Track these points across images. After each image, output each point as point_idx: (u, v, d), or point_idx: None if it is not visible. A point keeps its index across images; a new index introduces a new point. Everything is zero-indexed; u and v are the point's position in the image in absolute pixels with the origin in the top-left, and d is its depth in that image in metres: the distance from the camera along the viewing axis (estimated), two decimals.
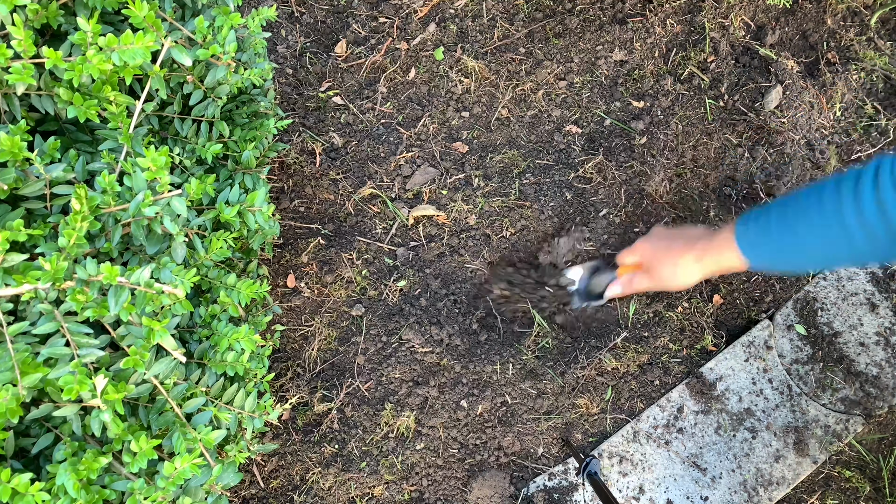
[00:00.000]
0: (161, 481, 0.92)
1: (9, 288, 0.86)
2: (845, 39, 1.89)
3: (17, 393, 0.81)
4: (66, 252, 0.88)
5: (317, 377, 1.63)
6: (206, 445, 0.96)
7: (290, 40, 1.98)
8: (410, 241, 1.75)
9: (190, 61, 1.05)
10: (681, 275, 1.24)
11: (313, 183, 1.80)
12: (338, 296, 1.70)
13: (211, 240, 1.13)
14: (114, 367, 0.93)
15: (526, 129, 1.86)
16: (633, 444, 1.58)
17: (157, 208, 0.96)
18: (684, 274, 1.23)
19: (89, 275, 0.87)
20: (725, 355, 1.65)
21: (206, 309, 1.14)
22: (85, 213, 0.88)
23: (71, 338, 0.86)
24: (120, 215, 0.97)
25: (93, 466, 0.88)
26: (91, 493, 0.88)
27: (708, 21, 1.89)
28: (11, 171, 0.90)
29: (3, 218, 0.92)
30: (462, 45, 1.92)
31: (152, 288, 0.87)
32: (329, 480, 1.53)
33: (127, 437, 0.93)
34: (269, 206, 1.19)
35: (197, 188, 1.02)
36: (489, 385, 1.60)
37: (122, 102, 1.02)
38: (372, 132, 1.86)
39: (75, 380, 0.82)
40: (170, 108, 1.20)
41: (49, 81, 1.01)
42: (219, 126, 1.22)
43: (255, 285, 1.14)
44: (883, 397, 1.61)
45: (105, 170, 0.99)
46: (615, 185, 1.79)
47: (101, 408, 0.86)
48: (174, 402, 0.98)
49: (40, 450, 0.94)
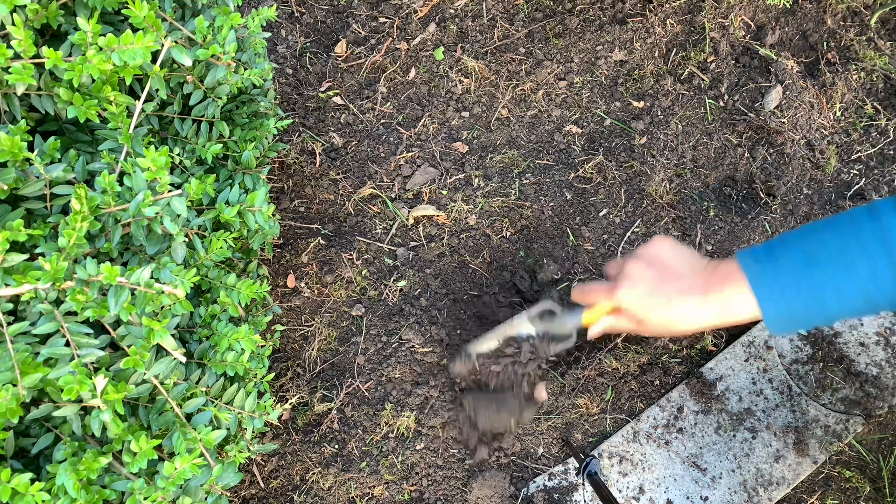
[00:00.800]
0: (161, 481, 0.92)
1: (9, 288, 0.86)
2: (845, 39, 1.89)
3: (17, 393, 0.81)
4: (66, 252, 0.88)
5: (317, 377, 1.63)
6: (206, 445, 0.96)
7: (290, 40, 1.98)
8: (410, 241, 1.75)
9: (190, 61, 1.05)
10: (676, 325, 1.02)
11: (313, 183, 1.80)
12: (338, 296, 1.70)
13: (211, 240, 1.13)
14: (114, 367, 0.93)
15: (526, 129, 1.86)
16: (633, 444, 1.58)
17: (157, 208, 0.96)
18: (678, 324, 1.02)
19: (89, 275, 0.87)
20: (725, 355, 1.65)
21: (206, 309, 1.14)
22: (85, 213, 0.88)
23: (71, 338, 0.86)
24: (120, 215, 0.97)
25: (93, 466, 0.88)
26: (91, 493, 0.88)
27: (708, 21, 1.89)
28: (11, 171, 0.90)
29: (3, 218, 0.92)
30: (462, 45, 1.93)
31: (152, 288, 0.87)
32: (329, 480, 1.53)
33: (127, 437, 0.93)
34: (269, 206, 1.19)
35: (197, 188, 1.02)
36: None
37: (122, 102, 1.03)
38: (372, 132, 1.87)
39: (75, 380, 0.82)
40: (170, 108, 1.20)
41: (49, 81, 1.01)
42: (219, 126, 1.23)
43: (255, 285, 1.14)
44: (883, 397, 1.61)
45: (105, 170, 0.99)
46: (615, 185, 1.79)
47: (101, 408, 0.86)
48: (174, 402, 0.98)
49: (40, 450, 0.94)
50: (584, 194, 1.80)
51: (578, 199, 1.79)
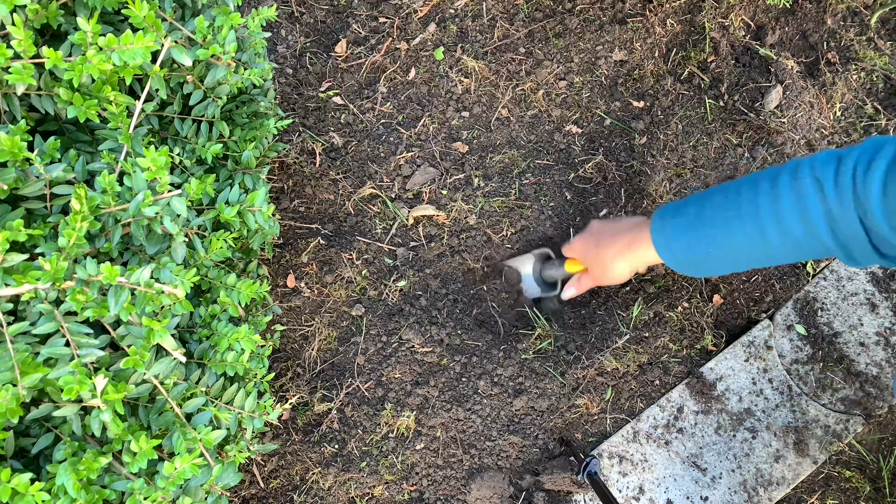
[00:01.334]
0: (161, 481, 0.92)
1: (9, 288, 0.86)
2: (845, 39, 1.89)
3: (17, 393, 0.81)
4: (66, 252, 0.88)
5: (317, 377, 1.63)
6: (206, 445, 0.96)
7: (290, 40, 1.98)
8: (410, 242, 1.75)
9: (190, 61, 1.05)
10: (610, 272, 1.28)
11: (313, 183, 1.80)
12: (338, 296, 1.70)
13: (211, 240, 1.13)
14: (114, 367, 0.93)
15: (526, 129, 1.86)
16: (633, 444, 1.58)
17: (157, 208, 0.96)
18: (613, 270, 1.27)
19: (89, 275, 0.87)
20: (725, 355, 1.65)
21: (205, 309, 1.14)
22: (85, 212, 0.88)
23: (71, 338, 0.86)
24: (120, 215, 0.97)
25: (93, 466, 0.88)
26: (91, 493, 0.88)
27: (708, 21, 1.89)
28: (11, 171, 0.90)
29: (3, 218, 0.92)
30: (462, 45, 1.92)
31: (152, 288, 0.87)
32: (329, 480, 1.53)
33: (127, 437, 0.93)
34: (270, 206, 1.19)
35: (197, 188, 1.02)
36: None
37: (122, 102, 1.03)
38: (372, 132, 1.86)
39: (75, 380, 0.82)
40: (170, 108, 1.20)
41: (49, 81, 1.01)
42: (219, 126, 1.23)
43: (255, 285, 1.14)
44: (883, 397, 1.61)
45: (105, 170, 0.99)
46: (615, 185, 1.79)
47: (101, 408, 0.86)
48: (174, 402, 0.98)
49: (40, 450, 0.94)
50: (584, 194, 1.80)
51: (578, 199, 1.79)
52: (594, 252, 1.32)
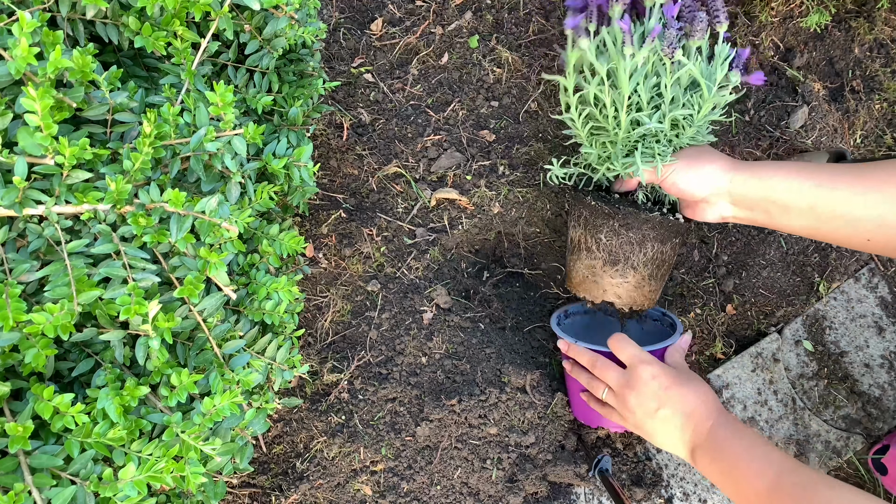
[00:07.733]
0: (197, 417, 0.91)
1: (69, 205, 0.85)
2: (871, 69, 1.92)
3: (73, 308, 0.80)
4: (130, 175, 0.87)
5: (328, 347, 1.63)
6: (245, 387, 0.95)
7: (324, 14, 1.98)
8: (430, 223, 1.76)
9: (258, 5, 1.05)
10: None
11: (338, 156, 1.80)
12: (354, 270, 1.69)
13: (256, 189, 1.12)
14: (162, 299, 0.92)
15: (554, 125, 1.87)
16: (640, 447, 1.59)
17: (219, 144, 0.95)
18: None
19: (152, 200, 0.86)
20: (733, 364, 1.67)
21: (244, 258, 1.13)
22: (152, 138, 0.88)
23: (128, 260, 0.85)
24: (179, 149, 0.97)
25: (134, 394, 0.87)
26: (129, 421, 0.87)
27: (739, 38, 1.92)
28: (80, 90, 0.89)
29: (67, 137, 0.91)
30: (497, 36, 1.94)
31: (216, 217, 0.86)
32: (334, 450, 1.52)
33: (167, 369, 0.92)
34: (314, 163, 1.18)
35: (255, 132, 1.02)
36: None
37: (189, 38, 1.02)
38: (400, 112, 1.87)
39: (132, 300, 0.81)
40: (223, 55, 1.20)
41: (117, 10, 1.00)
42: (271, 76, 1.22)
43: (299, 238, 1.14)
44: (884, 419, 1.63)
45: (166, 103, 0.98)
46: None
47: (151, 335, 0.85)
48: (215, 342, 0.97)
49: (76, 375, 0.93)
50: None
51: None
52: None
